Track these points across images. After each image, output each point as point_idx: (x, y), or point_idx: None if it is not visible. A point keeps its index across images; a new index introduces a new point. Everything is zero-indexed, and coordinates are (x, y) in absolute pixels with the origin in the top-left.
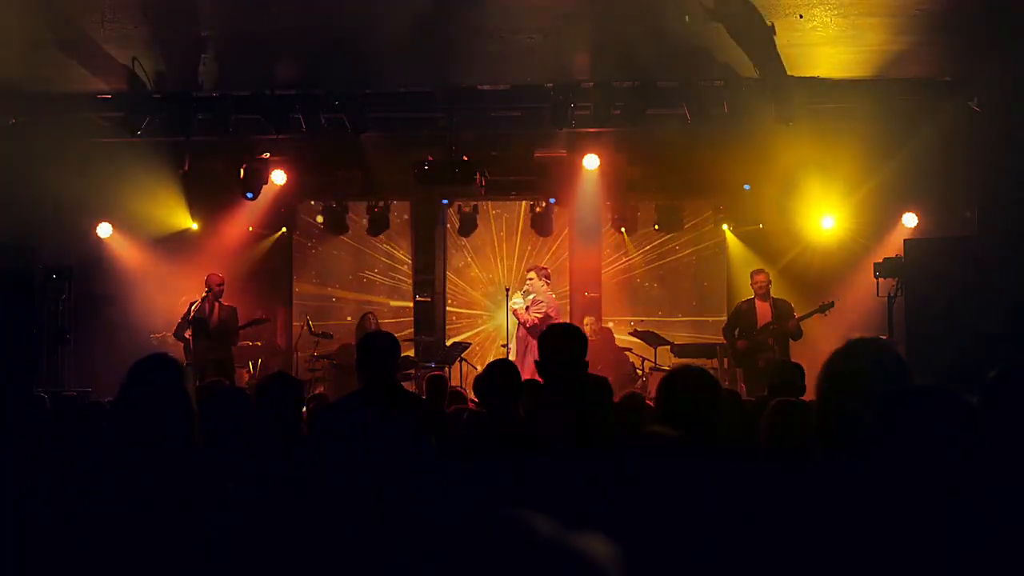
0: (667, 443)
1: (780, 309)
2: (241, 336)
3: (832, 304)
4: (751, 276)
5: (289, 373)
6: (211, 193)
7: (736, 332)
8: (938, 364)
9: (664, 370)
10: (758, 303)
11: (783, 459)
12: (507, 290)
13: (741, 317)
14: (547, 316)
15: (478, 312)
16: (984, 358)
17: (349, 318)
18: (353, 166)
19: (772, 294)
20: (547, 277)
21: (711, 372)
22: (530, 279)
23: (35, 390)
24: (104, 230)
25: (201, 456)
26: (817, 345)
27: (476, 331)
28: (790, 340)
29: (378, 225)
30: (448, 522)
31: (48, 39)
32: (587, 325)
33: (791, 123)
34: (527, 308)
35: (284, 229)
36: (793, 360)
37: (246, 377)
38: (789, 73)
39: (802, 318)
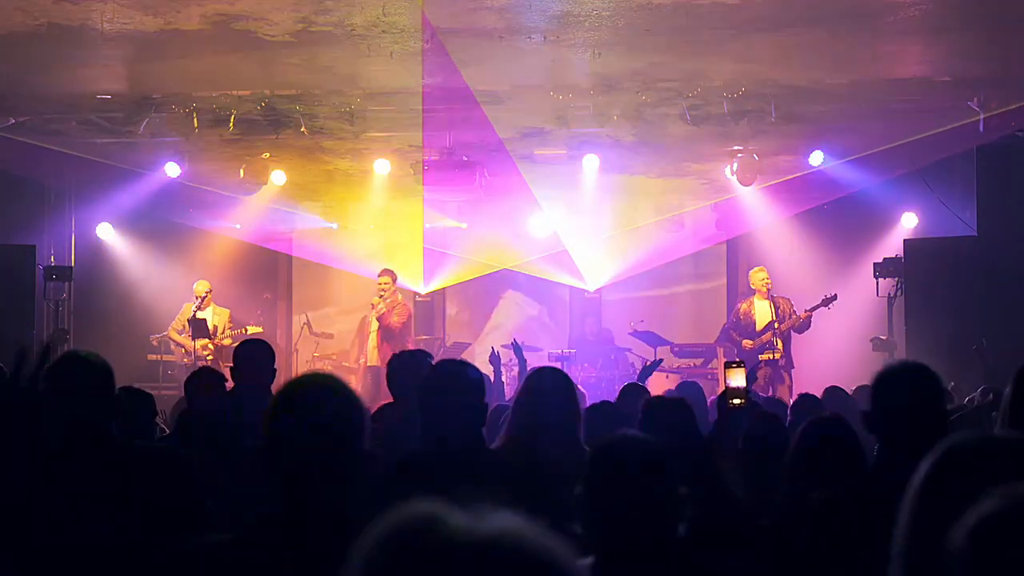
0: None
1: (781, 307)
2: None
3: (835, 297)
4: (751, 274)
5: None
6: (211, 193)
7: (735, 333)
8: (938, 365)
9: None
10: (758, 302)
11: None
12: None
13: (742, 316)
14: (409, 316)
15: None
16: (984, 359)
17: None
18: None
19: (773, 292)
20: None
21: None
22: (386, 283)
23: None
24: (104, 230)
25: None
26: (815, 345)
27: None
28: (791, 340)
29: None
30: None
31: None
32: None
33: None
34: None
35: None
36: (793, 358)
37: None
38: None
39: (808, 312)
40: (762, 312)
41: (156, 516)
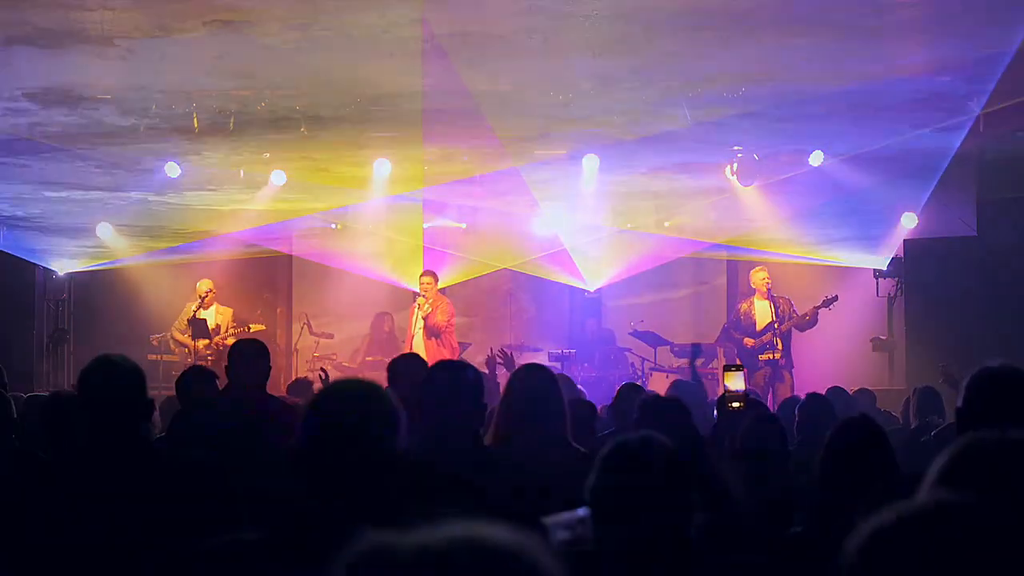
0: None
1: (781, 307)
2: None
3: (835, 298)
4: (751, 274)
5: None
6: (211, 193)
7: (737, 332)
8: (937, 364)
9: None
10: (758, 301)
11: None
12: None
13: (742, 316)
14: (453, 313)
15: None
16: (983, 358)
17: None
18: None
19: (773, 292)
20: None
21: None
22: (429, 282)
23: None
24: (104, 231)
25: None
26: (815, 345)
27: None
28: (791, 340)
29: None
30: None
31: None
32: None
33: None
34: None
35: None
36: (793, 358)
37: None
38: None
39: (808, 313)
40: (762, 312)
41: (183, 518)
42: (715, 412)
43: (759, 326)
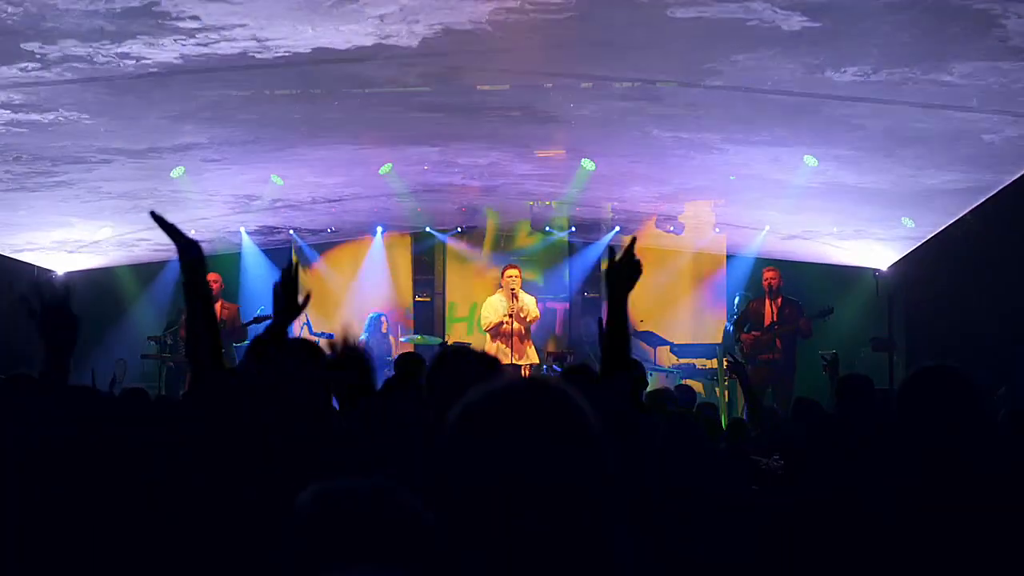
0: None
1: (787, 309)
2: (245, 334)
3: (831, 310)
4: (763, 273)
5: None
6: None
7: (746, 328)
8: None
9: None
10: (767, 301)
11: None
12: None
13: (752, 314)
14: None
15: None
16: (984, 359)
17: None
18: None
19: (783, 293)
20: None
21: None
22: (517, 275)
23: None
24: (104, 232)
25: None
26: (815, 346)
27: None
28: (793, 341)
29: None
30: None
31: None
32: None
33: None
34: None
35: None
36: (795, 361)
37: None
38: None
39: (806, 321)
40: (768, 312)
41: None
42: None
43: (764, 325)
